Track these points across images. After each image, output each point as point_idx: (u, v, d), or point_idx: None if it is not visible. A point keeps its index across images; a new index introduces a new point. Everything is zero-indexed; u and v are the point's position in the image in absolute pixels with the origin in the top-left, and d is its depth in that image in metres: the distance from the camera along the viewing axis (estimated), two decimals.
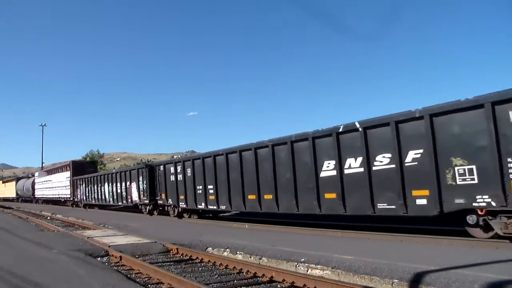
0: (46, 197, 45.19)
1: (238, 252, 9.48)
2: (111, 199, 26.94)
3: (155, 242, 11.29)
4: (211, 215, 18.62)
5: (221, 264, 8.62)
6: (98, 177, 29.79)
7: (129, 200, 23.82)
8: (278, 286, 7.00)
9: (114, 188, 26.14)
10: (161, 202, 20.38)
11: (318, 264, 7.52)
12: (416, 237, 9.73)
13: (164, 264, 9.15)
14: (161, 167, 20.37)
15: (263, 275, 7.43)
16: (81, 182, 33.77)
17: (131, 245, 10.90)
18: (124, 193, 24.74)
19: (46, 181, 45.54)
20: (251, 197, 13.97)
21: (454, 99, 8.77)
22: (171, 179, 19.22)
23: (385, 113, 10.12)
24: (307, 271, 7.53)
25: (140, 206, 22.67)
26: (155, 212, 21.64)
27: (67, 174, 37.86)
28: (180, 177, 18.45)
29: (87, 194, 32.14)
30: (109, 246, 10.72)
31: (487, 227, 8.47)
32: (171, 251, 10.38)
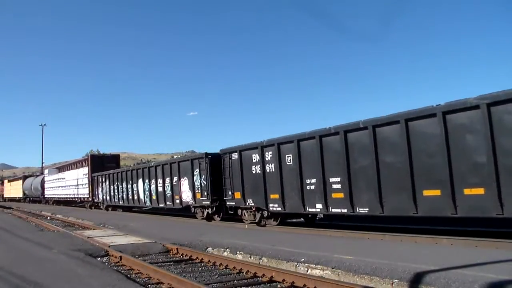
0: (58, 197, 40.35)
1: (238, 252, 9.48)
2: (147, 200, 21.97)
3: (155, 242, 11.29)
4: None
5: (221, 264, 8.62)
6: (129, 172, 24.49)
7: (177, 201, 18.78)
8: (278, 286, 7.00)
9: (153, 186, 21.00)
10: (232, 203, 15.30)
11: (318, 264, 7.52)
12: (416, 237, 9.73)
13: (164, 264, 9.15)
14: (234, 155, 15.09)
15: (263, 275, 7.43)
16: (103, 179, 28.71)
17: (131, 245, 10.90)
18: (168, 192, 19.60)
19: (58, 179, 40.27)
20: (431, 192, 9.15)
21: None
22: (253, 171, 14.01)
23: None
24: (307, 271, 7.53)
25: (194, 209, 17.80)
26: (216, 217, 16.65)
27: (85, 170, 32.55)
28: (271, 167, 13.24)
29: (111, 194, 27.17)
30: (109, 246, 10.72)
31: None
32: (171, 251, 10.39)
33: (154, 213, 23.67)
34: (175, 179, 18.98)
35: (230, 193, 15.35)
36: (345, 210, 10.87)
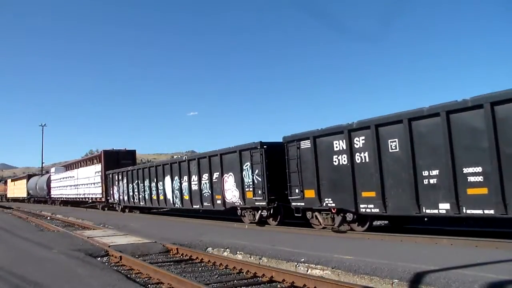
0: (65, 197, 36.96)
1: (238, 252, 9.48)
2: (176, 201, 18.60)
3: (155, 242, 11.29)
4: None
5: (221, 264, 8.62)
6: (152, 169, 21.16)
7: (218, 201, 15.69)
8: (278, 286, 6.99)
9: (185, 184, 17.77)
10: (301, 204, 12.15)
11: (318, 264, 7.52)
12: (416, 237, 9.73)
13: (164, 264, 9.15)
14: (305, 144, 12.01)
15: (263, 275, 7.43)
16: (119, 177, 25.47)
17: (131, 245, 10.90)
18: (206, 191, 16.31)
19: (66, 177, 36.77)
20: None
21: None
22: (335, 162, 11.11)
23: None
24: (307, 271, 7.53)
25: (241, 211, 14.81)
26: (271, 221, 13.73)
27: (97, 167, 29.56)
28: (363, 157, 10.43)
29: (129, 194, 23.93)
30: (109, 246, 10.72)
31: None
32: (171, 251, 10.39)
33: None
34: (215, 175, 15.79)
35: (297, 191, 12.19)
36: (491, 211, 8.04)
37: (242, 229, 14.05)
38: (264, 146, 13.50)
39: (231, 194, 15.00)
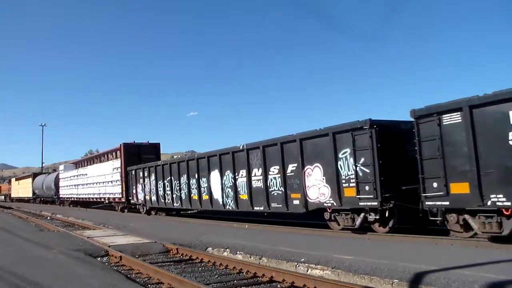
0: (76, 198, 33.87)
1: (238, 252, 9.48)
2: (228, 201, 15.08)
3: (155, 242, 11.29)
4: None
5: (221, 264, 8.62)
6: (192, 162, 17.51)
7: (295, 201, 12.18)
8: (278, 286, 7.00)
9: (243, 180, 14.18)
10: (444, 203, 8.90)
11: (318, 264, 7.52)
12: (416, 237, 9.72)
13: (164, 264, 9.15)
14: (451, 118, 8.76)
15: (263, 275, 7.43)
16: (145, 174, 21.82)
17: (131, 245, 10.90)
18: (277, 188, 12.80)
19: (77, 175, 33.34)
20: None
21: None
22: None
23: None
24: (307, 271, 7.53)
25: (330, 214, 11.36)
26: (378, 227, 10.56)
27: (116, 163, 26.03)
28: None
29: (159, 193, 20.28)
30: (109, 246, 10.72)
31: None
32: (171, 251, 10.38)
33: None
34: (291, 167, 12.38)
35: (436, 185, 8.91)
36: None
37: (242, 229, 14.05)
38: (375, 126, 10.12)
39: (317, 191, 11.49)
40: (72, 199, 35.29)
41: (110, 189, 26.72)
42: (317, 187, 11.61)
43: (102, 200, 28.39)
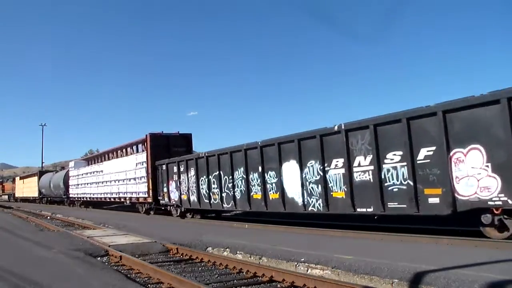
0: (89, 197, 30.63)
1: (238, 252, 9.48)
2: (312, 201, 11.73)
3: (155, 241, 11.29)
4: None
5: (221, 264, 8.62)
6: (255, 151, 13.84)
7: (431, 199, 9.08)
8: (278, 286, 6.99)
9: (336, 172, 11.03)
10: None
11: (318, 264, 7.52)
12: (416, 237, 9.72)
13: (164, 264, 9.15)
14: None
15: (263, 275, 7.43)
16: (181, 168, 18.32)
17: (131, 245, 10.90)
18: (398, 181, 9.67)
19: (91, 173, 30.18)
20: None
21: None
22: None
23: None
24: (307, 271, 7.53)
25: (496, 217, 8.25)
26: None
27: (140, 157, 22.24)
28: None
29: (202, 191, 16.81)
30: (109, 246, 10.72)
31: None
32: (171, 251, 10.39)
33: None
34: (424, 152, 9.20)
35: None
36: None
37: (242, 229, 14.05)
38: None
39: (475, 185, 8.37)
40: (84, 199, 31.97)
41: (132, 188, 22.99)
42: (474, 179, 8.38)
43: (122, 200, 24.78)
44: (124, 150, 26.47)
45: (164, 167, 19.97)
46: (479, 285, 5.42)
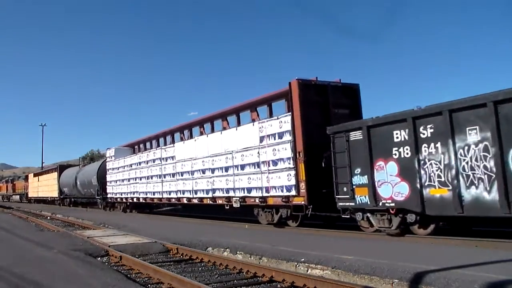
0: (145, 197, 21.72)
1: (238, 252, 9.48)
2: None
3: (155, 242, 11.29)
4: None
5: (221, 264, 8.62)
6: None
7: None
8: (278, 286, 6.99)
9: None
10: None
11: (318, 264, 7.51)
12: (416, 237, 9.72)
13: (164, 264, 9.15)
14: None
15: (263, 275, 7.43)
16: (429, 133, 9.19)
17: (131, 245, 10.90)
18: None
19: (148, 162, 21.28)
20: None
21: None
22: None
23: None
24: (307, 271, 7.53)
25: None
26: None
27: (274, 125, 13.25)
28: None
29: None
30: (109, 246, 10.72)
31: None
32: (171, 251, 10.39)
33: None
34: None
35: None
36: None
37: (242, 229, 14.05)
38: None
39: None
40: (133, 200, 23.24)
41: (253, 181, 13.90)
42: None
43: (220, 202, 15.55)
44: (224, 118, 16.66)
45: (359, 134, 10.79)
46: (479, 285, 5.42)
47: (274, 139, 13.21)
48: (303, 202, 12.08)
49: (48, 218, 25.09)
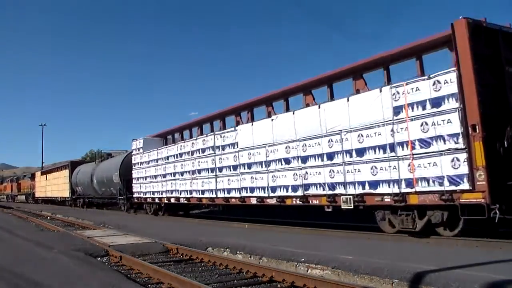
0: (190, 197, 17.22)
1: (238, 252, 9.48)
2: None
3: (155, 242, 11.29)
4: None
5: (221, 264, 8.62)
6: None
7: None
8: (278, 286, 6.99)
9: None
10: None
11: (318, 264, 7.52)
12: (416, 236, 9.71)
13: (164, 264, 9.14)
14: None
15: (263, 275, 7.43)
16: None
17: (131, 245, 10.90)
18: None
19: (189, 153, 17.27)
20: None
21: None
22: None
23: None
24: (307, 271, 7.53)
25: None
26: None
27: (424, 88, 9.03)
28: None
29: None
30: (109, 246, 10.72)
31: None
32: (171, 251, 10.38)
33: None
34: None
35: None
36: None
37: (242, 229, 14.06)
38: None
39: None
40: (173, 200, 18.71)
41: (385, 172, 9.83)
42: None
43: (324, 203, 11.39)
44: (307, 92, 13.06)
45: None
46: (479, 285, 5.42)
47: (423, 108, 9.18)
48: (482, 200, 8.12)
49: (48, 218, 25.08)
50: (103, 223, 18.09)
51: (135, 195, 22.21)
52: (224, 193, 15.17)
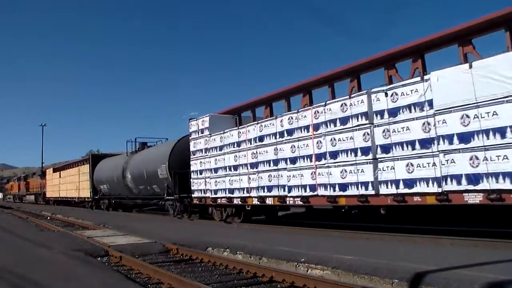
0: (312, 196, 10.86)
1: (238, 252, 9.48)
2: None
3: (155, 242, 11.29)
4: None
5: (221, 264, 8.62)
6: None
7: None
8: (278, 286, 6.99)
9: None
10: None
11: (318, 264, 7.51)
12: (415, 236, 9.73)
13: (164, 264, 9.15)
14: None
15: (263, 275, 7.43)
16: None
17: (131, 245, 10.90)
18: None
19: (291, 132, 11.51)
20: None
21: None
22: None
23: None
24: (307, 271, 7.53)
25: None
26: None
27: None
28: None
29: None
30: (109, 246, 10.72)
31: None
32: (171, 251, 10.39)
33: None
34: None
35: None
36: None
37: (242, 229, 14.05)
38: None
39: None
40: (268, 201, 12.81)
41: None
42: None
43: None
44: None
45: None
46: (479, 285, 5.41)
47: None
48: None
49: (48, 218, 25.09)
50: (103, 223, 18.00)
51: (195, 194, 16.31)
52: (364, 189, 9.71)
